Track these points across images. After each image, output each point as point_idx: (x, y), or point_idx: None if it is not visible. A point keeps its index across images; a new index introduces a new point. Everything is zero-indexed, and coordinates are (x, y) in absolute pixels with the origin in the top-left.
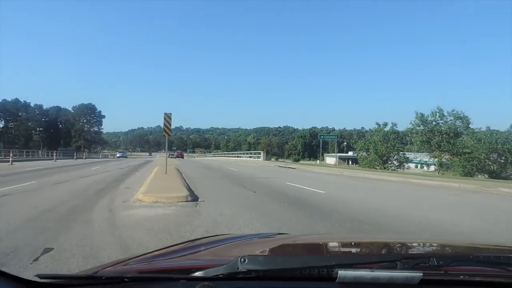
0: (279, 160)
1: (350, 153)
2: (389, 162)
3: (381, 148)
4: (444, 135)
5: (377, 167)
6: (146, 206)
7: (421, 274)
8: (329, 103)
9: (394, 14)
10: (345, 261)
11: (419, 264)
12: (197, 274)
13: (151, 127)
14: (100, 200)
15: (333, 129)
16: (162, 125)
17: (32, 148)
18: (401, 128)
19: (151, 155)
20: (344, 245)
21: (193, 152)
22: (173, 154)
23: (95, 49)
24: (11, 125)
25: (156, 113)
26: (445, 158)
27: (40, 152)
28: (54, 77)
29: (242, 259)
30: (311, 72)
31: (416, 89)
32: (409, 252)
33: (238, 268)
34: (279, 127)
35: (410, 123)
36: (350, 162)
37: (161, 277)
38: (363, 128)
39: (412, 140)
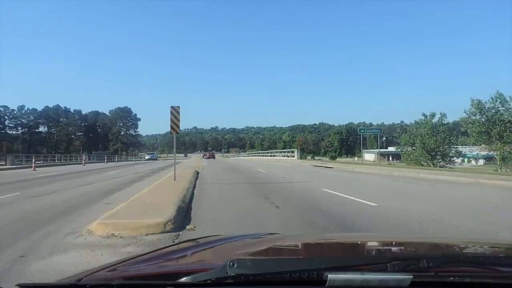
0: (315, 158)
1: (391, 149)
2: (438, 158)
3: (429, 142)
4: (508, 124)
5: (424, 163)
6: (87, 246)
7: (411, 276)
8: (366, 97)
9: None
10: (335, 263)
11: (410, 266)
12: (185, 279)
13: (188, 129)
14: (41, 230)
15: (371, 124)
16: (198, 127)
17: (72, 153)
18: (450, 119)
19: (187, 156)
20: (335, 246)
21: (228, 152)
22: (206, 155)
23: (133, 52)
24: (53, 130)
25: (192, 114)
26: (507, 151)
27: (79, 156)
28: (93, 82)
29: (231, 263)
30: (346, 67)
31: (466, 79)
32: (400, 254)
33: (227, 273)
34: (315, 124)
35: (464, 112)
36: (390, 158)
37: (148, 284)
38: (402, 122)
39: (468, 131)
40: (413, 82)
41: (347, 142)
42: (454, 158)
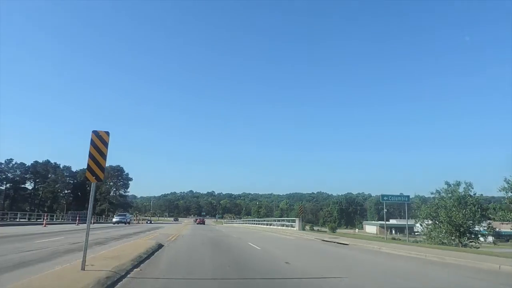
0: (314, 228)
1: (393, 221)
2: (467, 235)
3: (457, 216)
4: None
5: (445, 241)
6: None
7: None
8: (366, 169)
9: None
10: None
11: None
12: None
13: (183, 192)
14: None
15: (370, 195)
16: (194, 190)
17: (56, 211)
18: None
19: (177, 220)
20: None
21: (222, 217)
22: (197, 220)
23: (127, 115)
24: (39, 187)
25: (187, 178)
26: None
27: (62, 215)
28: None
29: None
30: (345, 141)
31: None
32: None
33: None
34: (312, 193)
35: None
36: (393, 231)
37: None
38: (401, 193)
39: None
40: (413, 159)
41: (347, 212)
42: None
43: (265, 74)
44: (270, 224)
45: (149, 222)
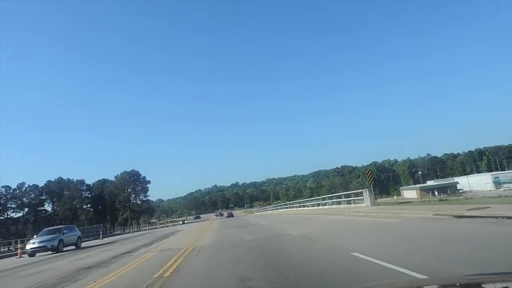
0: None
1: (430, 182)
2: None
3: None
4: None
5: None
6: None
7: None
8: (389, 136)
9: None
10: None
11: None
12: None
13: (208, 188)
14: None
15: (396, 161)
16: (218, 184)
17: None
18: None
19: (199, 218)
20: None
21: (251, 207)
22: (223, 214)
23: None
24: (56, 207)
25: (210, 173)
26: None
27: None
28: (104, 151)
29: None
30: (362, 107)
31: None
32: None
33: None
34: (337, 167)
35: None
36: (436, 192)
37: None
38: (428, 154)
39: None
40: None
41: (379, 180)
42: None
43: (278, 49)
44: (318, 205)
45: (182, 223)
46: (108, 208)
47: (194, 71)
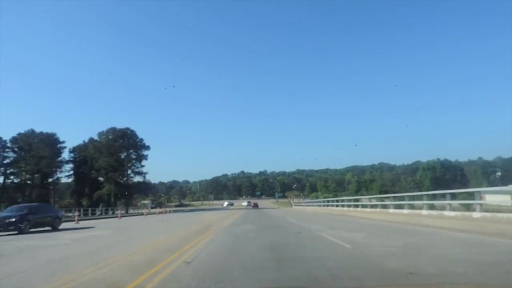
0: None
1: None
2: None
3: None
4: None
5: None
6: None
7: None
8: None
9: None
10: None
11: None
12: None
13: (235, 173)
14: None
15: (457, 161)
16: (245, 171)
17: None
18: None
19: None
20: None
21: (283, 196)
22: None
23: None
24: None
25: (238, 159)
26: None
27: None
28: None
29: None
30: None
31: None
32: None
33: None
34: (374, 164)
35: None
36: None
37: None
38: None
39: None
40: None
41: (443, 179)
42: None
43: (313, 47)
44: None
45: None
46: (88, 179)
47: (247, 65)
